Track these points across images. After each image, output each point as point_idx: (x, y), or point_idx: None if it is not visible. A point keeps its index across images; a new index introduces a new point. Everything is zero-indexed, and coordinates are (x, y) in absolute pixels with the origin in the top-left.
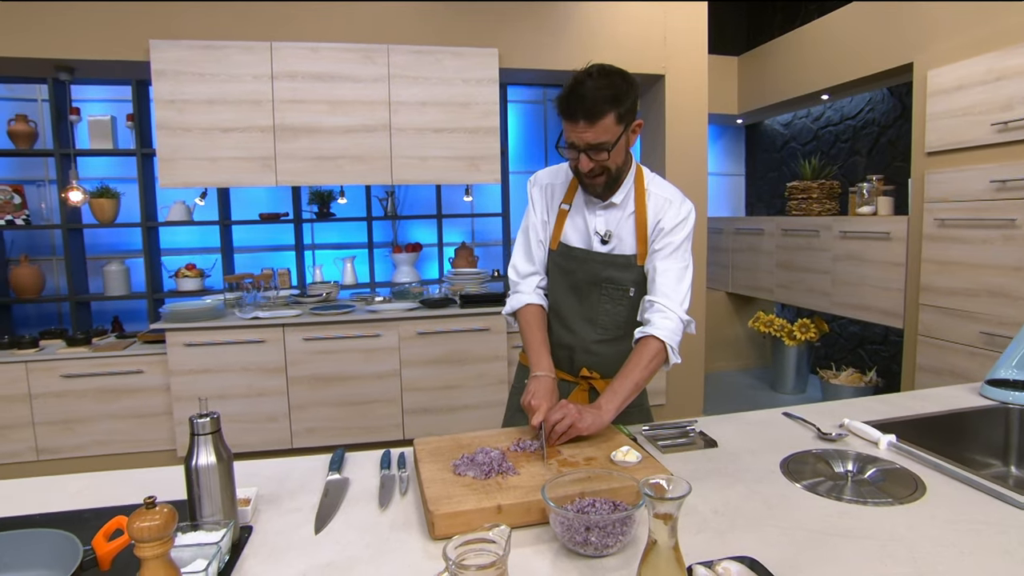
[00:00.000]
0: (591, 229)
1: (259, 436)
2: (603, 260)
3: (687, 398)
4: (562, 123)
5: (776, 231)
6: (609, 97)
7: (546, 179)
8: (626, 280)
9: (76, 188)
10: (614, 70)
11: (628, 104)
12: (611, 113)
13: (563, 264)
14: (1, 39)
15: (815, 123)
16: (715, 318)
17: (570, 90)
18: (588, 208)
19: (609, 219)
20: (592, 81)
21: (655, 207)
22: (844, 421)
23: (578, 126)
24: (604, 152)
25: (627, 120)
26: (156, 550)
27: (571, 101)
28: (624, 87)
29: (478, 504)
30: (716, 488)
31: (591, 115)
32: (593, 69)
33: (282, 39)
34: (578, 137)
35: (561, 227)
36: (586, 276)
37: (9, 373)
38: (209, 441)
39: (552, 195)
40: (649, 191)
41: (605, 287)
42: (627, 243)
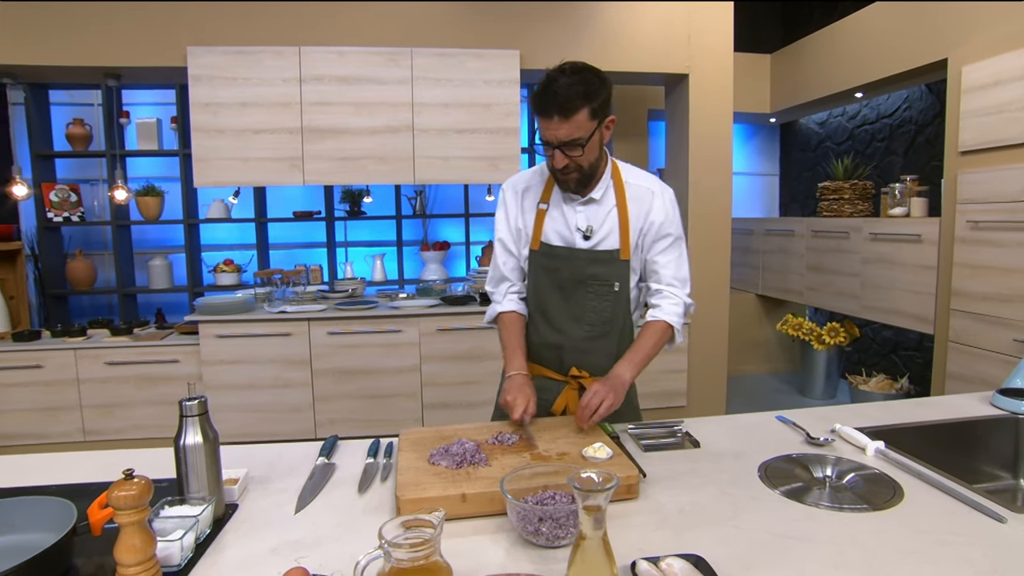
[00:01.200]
0: (572, 226)
1: (284, 426)
2: (586, 257)
3: (709, 400)
4: (537, 120)
5: (806, 232)
6: (582, 93)
7: (521, 183)
8: (610, 276)
9: (121, 187)
10: (586, 67)
11: (601, 100)
12: (584, 109)
13: (546, 263)
14: (55, 48)
15: (850, 122)
16: (744, 320)
17: (544, 87)
18: (568, 205)
19: (590, 215)
20: (565, 78)
21: (637, 200)
22: (835, 426)
23: (552, 122)
24: (578, 148)
25: (600, 116)
26: (132, 517)
27: (545, 98)
28: (597, 83)
29: (443, 492)
30: (687, 488)
31: (564, 111)
32: (566, 67)
33: (310, 44)
34: (552, 134)
35: (541, 226)
36: (570, 274)
37: (60, 359)
38: (196, 422)
39: (528, 198)
40: (628, 183)
41: (590, 284)
42: (610, 238)
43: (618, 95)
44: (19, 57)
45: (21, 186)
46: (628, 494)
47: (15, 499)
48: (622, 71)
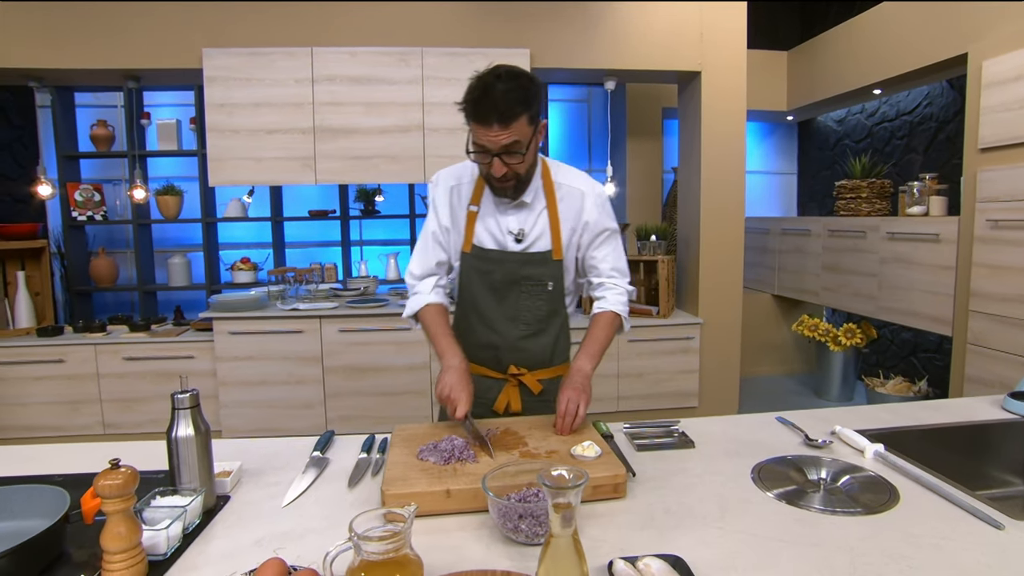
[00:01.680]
0: (504, 229)
1: (296, 422)
2: (520, 259)
3: (721, 401)
4: (471, 127)
5: (822, 232)
6: (521, 99)
7: (450, 180)
8: (544, 276)
9: (140, 187)
10: (520, 72)
11: (537, 105)
12: (524, 115)
13: (479, 266)
14: (77, 51)
15: (869, 119)
16: (759, 321)
17: (481, 93)
18: (498, 208)
19: (521, 218)
20: (502, 84)
21: (569, 201)
22: (835, 428)
23: (492, 130)
24: (518, 155)
25: (536, 121)
26: (118, 505)
27: (484, 104)
28: (533, 89)
29: (428, 487)
30: (676, 488)
31: (505, 118)
32: (501, 71)
33: (322, 44)
34: (491, 140)
35: (472, 229)
36: (504, 276)
37: (81, 354)
38: (188, 415)
39: (459, 196)
40: (558, 183)
41: (524, 284)
42: (542, 240)
43: (631, 93)
44: (44, 60)
45: (46, 186)
46: (615, 493)
47: (14, 487)
48: (633, 69)
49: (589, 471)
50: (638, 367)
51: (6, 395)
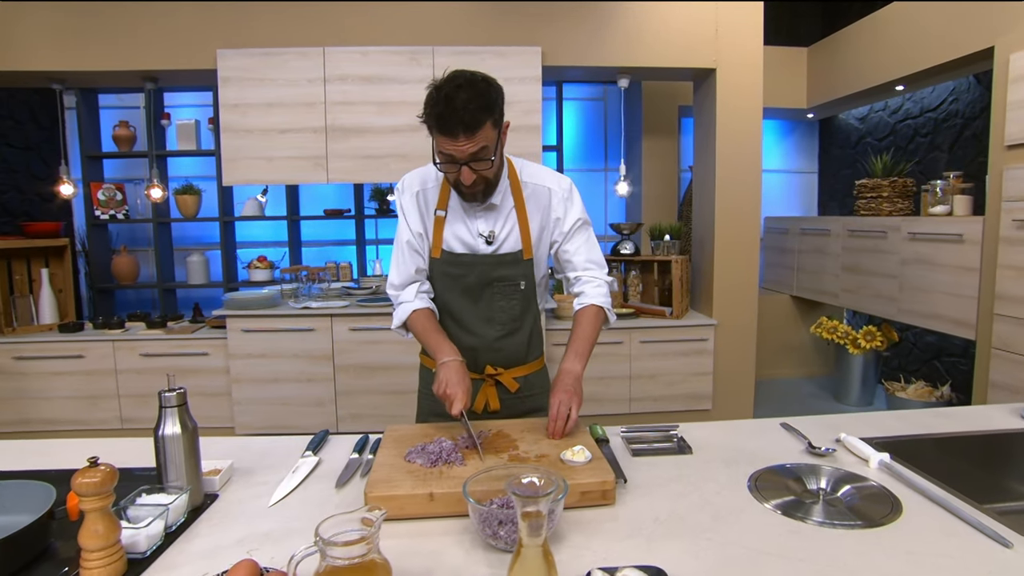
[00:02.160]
0: (474, 232)
1: (307, 419)
2: (492, 261)
3: (735, 404)
4: (435, 138)
5: (842, 232)
6: (484, 106)
7: (416, 185)
8: (516, 275)
9: (157, 186)
10: (479, 77)
11: (499, 108)
12: (488, 121)
13: (451, 271)
14: (97, 53)
15: (892, 116)
16: (778, 322)
17: (444, 105)
18: (466, 211)
19: (490, 219)
20: (463, 93)
21: (536, 199)
22: (840, 436)
23: (458, 140)
24: (486, 161)
25: (499, 124)
26: (95, 503)
27: (448, 117)
28: (493, 93)
29: (412, 490)
30: (668, 496)
31: (470, 127)
32: (460, 80)
33: (335, 44)
34: (458, 150)
35: (440, 234)
36: (477, 278)
37: (100, 350)
38: (175, 413)
39: (425, 201)
40: (525, 183)
41: (496, 285)
42: (511, 240)
43: (647, 91)
44: (66, 63)
45: (68, 185)
46: (603, 500)
47: (5, 482)
48: (646, 66)
49: (577, 477)
50: (650, 368)
51: (30, 389)
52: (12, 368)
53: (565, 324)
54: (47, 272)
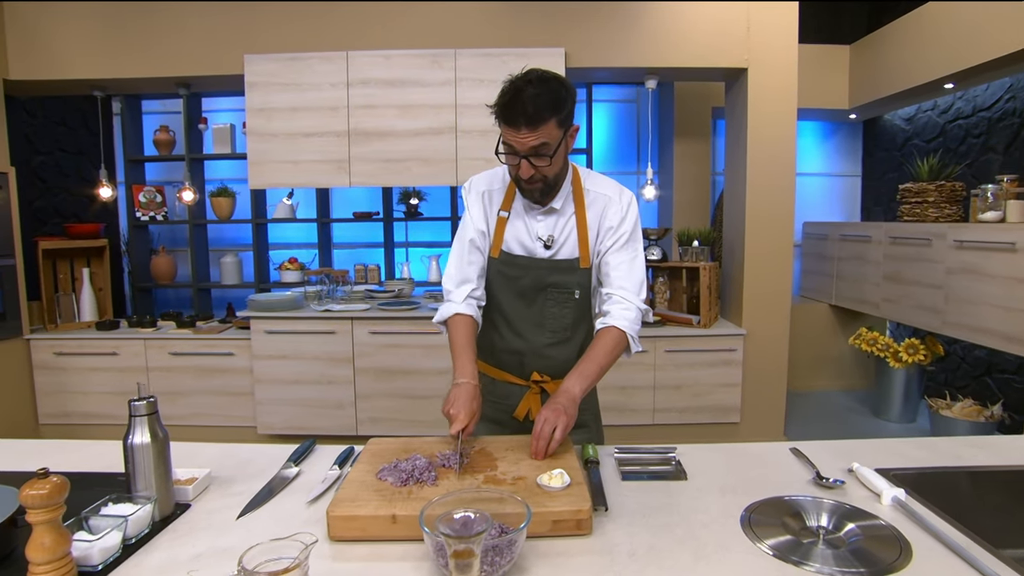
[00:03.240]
0: (533, 235)
1: (328, 421)
2: (547, 266)
3: (765, 417)
4: (501, 129)
5: (884, 239)
6: (550, 103)
7: (483, 185)
8: (571, 283)
9: (188, 189)
10: (552, 76)
11: (568, 109)
12: (552, 119)
13: (507, 271)
14: (134, 61)
15: (941, 116)
16: (816, 331)
17: (511, 97)
18: (528, 214)
19: (550, 224)
20: (532, 88)
21: (596, 207)
22: (853, 466)
23: (520, 132)
24: (546, 158)
25: (566, 125)
26: (42, 516)
27: (513, 107)
28: (563, 93)
29: (375, 511)
30: (652, 527)
31: (533, 121)
32: (532, 76)
33: (358, 48)
34: (520, 143)
35: (501, 235)
36: (531, 282)
37: (133, 348)
38: (144, 422)
39: (490, 201)
40: (587, 190)
41: (550, 291)
42: (569, 247)
43: (679, 92)
44: (104, 71)
45: (107, 188)
46: (578, 529)
47: None
48: (674, 67)
49: (550, 504)
50: (676, 378)
51: (70, 383)
52: (54, 363)
53: None
54: (88, 272)
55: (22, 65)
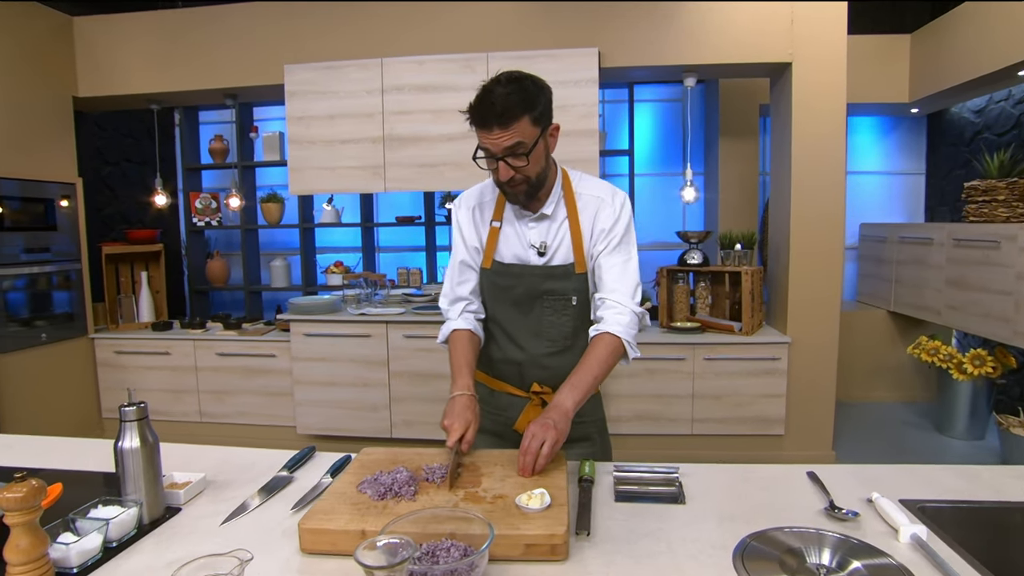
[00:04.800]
0: (525, 242)
1: (363, 423)
2: (542, 273)
3: (811, 430)
4: (477, 134)
5: (946, 241)
6: (520, 101)
7: (472, 200)
8: (567, 290)
9: (236, 195)
10: (523, 76)
11: (542, 107)
12: (525, 116)
13: (500, 281)
14: (183, 75)
15: (1017, 107)
16: (873, 339)
17: (480, 99)
18: (520, 221)
19: (542, 230)
20: (501, 88)
21: (588, 210)
22: (872, 496)
23: (492, 133)
24: (523, 157)
25: (543, 123)
26: (19, 518)
27: (482, 109)
28: (534, 91)
29: (345, 526)
30: (635, 556)
31: (504, 119)
32: (502, 77)
33: (392, 55)
34: (493, 143)
35: (494, 245)
36: (526, 290)
37: (183, 348)
38: (135, 427)
39: (481, 214)
40: (579, 194)
41: (546, 299)
42: (563, 253)
43: (725, 89)
44: (159, 85)
45: (161, 196)
46: (552, 555)
47: None
48: (713, 63)
49: (525, 526)
50: (715, 388)
51: (127, 380)
52: (115, 361)
53: None
54: (146, 275)
55: (88, 82)
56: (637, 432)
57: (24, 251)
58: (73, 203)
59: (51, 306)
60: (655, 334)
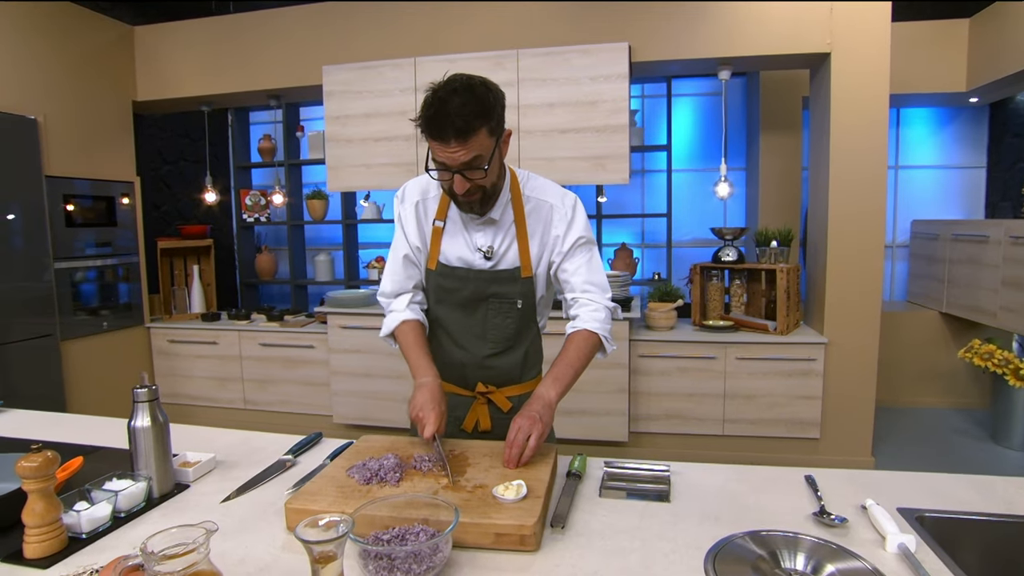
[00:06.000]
0: (472, 245)
1: (396, 414)
2: (488, 277)
3: (850, 435)
4: (429, 144)
5: (1003, 238)
6: (478, 112)
7: (415, 195)
8: (513, 293)
9: (279, 192)
10: (477, 81)
11: (497, 115)
12: (483, 128)
13: (445, 283)
14: (231, 78)
15: None
16: (923, 342)
17: (436, 110)
18: (465, 224)
19: (489, 234)
20: (458, 97)
21: (537, 214)
22: (867, 502)
23: (450, 146)
24: (480, 170)
25: (498, 133)
26: (34, 485)
27: (439, 121)
28: (491, 99)
29: (327, 507)
30: (605, 552)
31: (462, 133)
32: (456, 84)
33: (425, 54)
34: (450, 157)
35: (438, 246)
36: (472, 293)
37: (229, 338)
38: (146, 408)
39: (424, 211)
40: (527, 197)
41: (492, 302)
42: (511, 256)
43: (765, 82)
44: (209, 88)
45: (211, 193)
46: (522, 545)
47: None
48: (747, 55)
49: (497, 516)
50: (748, 388)
51: (179, 367)
52: (168, 349)
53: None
54: (197, 268)
55: (146, 87)
56: (666, 431)
57: (89, 245)
58: (132, 201)
59: (112, 297)
60: (687, 332)
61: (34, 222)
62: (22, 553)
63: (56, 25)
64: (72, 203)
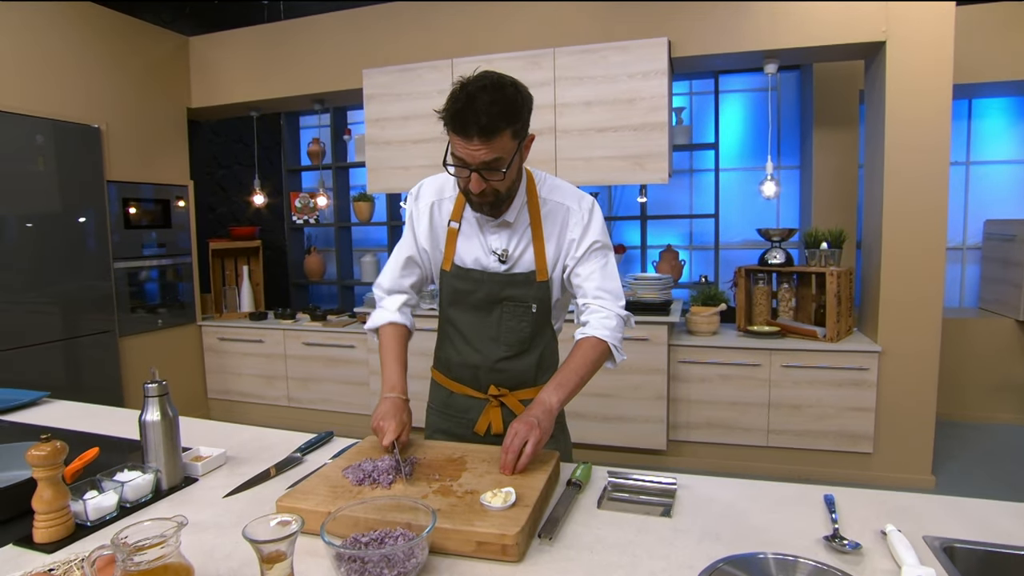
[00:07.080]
0: (487, 248)
1: None
2: (503, 280)
3: (907, 450)
4: (450, 138)
5: None
6: (506, 112)
7: (432, 195)
8: (527, 297)
9: (322, 195)
10: (507, 81)
11: (523, 119)
12: (507, 130)
13: (460, 285)
14: (277, 83)
15: None
16: (997, 352)
17: (463, 104)
18: (480, 226)
19: (504, 237)
20: (486, 95)
21: (554, 218)
22: (887, 528)
23: (472, 143)
24: (499, 172)
25: (521, 137)
26: (43, 473)
27: (465, 116)
28: (519, 101)
29: (315, 506)
30: (591, 567)
31: (487, 132)
32: (486, 81)
33: (462, 55)
34: (471, 155)
35: (453, 246)
36: (486, 296)
37: (275, 337)
38: (156, 402)
39: (439, 212)
40: (544, 200)
41: (506, 305)
42: (525, 260)
43: (819, 75)
44: (256, 93)
45: (259, 196)
46: (503, 555)
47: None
48: (794, 47)
49: (480, 524)
50: (794, 397)
51: (228, 365)
52: (218, 347)
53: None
54: (247, 269)
55: (200, 94)
56: (707, 440)
57: (146, 246)
58: (186, 203)
59: (167, 295)
60: (730, 338)
61: (98, 224)
62: (31, 538)
63: (120, 39)
64: (132, 206)
